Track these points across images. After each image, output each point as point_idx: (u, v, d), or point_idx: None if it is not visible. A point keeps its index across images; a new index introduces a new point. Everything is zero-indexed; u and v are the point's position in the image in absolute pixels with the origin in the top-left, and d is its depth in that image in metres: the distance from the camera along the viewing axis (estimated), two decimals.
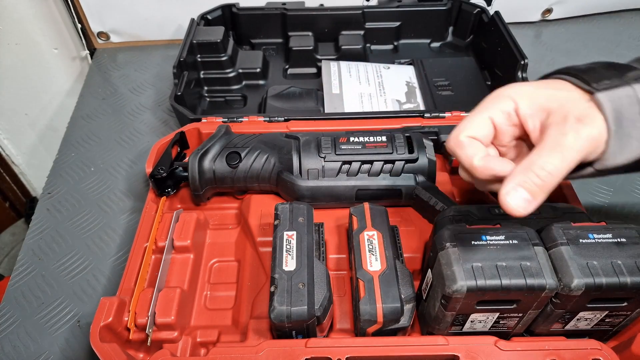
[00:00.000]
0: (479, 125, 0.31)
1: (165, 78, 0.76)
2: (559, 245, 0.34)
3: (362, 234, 0.41)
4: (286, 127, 0.54)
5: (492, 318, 0.36)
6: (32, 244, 0.53)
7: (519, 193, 0.28)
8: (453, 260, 0.34)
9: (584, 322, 0.37)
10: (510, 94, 0.30)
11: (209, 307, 0.45)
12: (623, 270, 0.33)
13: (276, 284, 0.37)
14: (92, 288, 0.49)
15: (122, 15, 0.77)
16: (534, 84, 0.31)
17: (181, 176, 0.50)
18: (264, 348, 0.35)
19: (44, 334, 0.46)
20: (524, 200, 0.28)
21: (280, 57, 0.75)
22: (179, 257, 0.45)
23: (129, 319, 0.39)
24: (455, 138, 0.31)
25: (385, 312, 0.36)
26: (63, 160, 0.63)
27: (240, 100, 0.69)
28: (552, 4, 0.82)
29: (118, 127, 0.68)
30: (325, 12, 0.73)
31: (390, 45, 0.77)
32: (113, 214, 0.56)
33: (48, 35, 0.78)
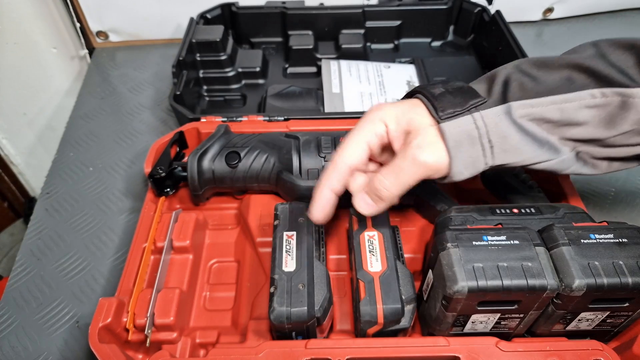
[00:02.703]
0: (357, 152, 0.35)
1: (164, 77, 0.75)
2: (560, 246, 0.34)
3: (363, 235, 0.40)
4: (286, 126, 0.54)
5: (493, 319, 0.36)
6: (30, 244, 0.53)
7: (364, 198, 0.36)
8: (454, 260, 0.33)
9: (585, 322, 0.37)
10: (382, 117, 0.35)
11: (208, 307, 0.44)
12: (624, 270, 0.33)
13: (276, 284, 0.37)
14: (91, 288, 0.49)
15: (121, 14, 0.77)
16: (400, 107, 0.35)
17: (180, 176, 0.50)
18: (263, 349, 0.35)
19: (43, 335, 0.45)
20: (367, 204, 0.36)
21: (280, 56, 0.75)
22: (178, 258, 0.45)
23: (128, 319, 0.39)
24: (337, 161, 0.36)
25: (386, 313, 0.35)
26: (62, 160, 0.63)
27: (239, 100, 0.69)
28: (553, 3, 0.82)
29: (117, 126, 0.67)
30: (325, 11, 0.72)
31: (390, 44, 0.76)
32: (112, 214, 0.56)
33: (46, 35, 0.78)
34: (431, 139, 0.33)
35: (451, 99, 0.34)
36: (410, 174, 0.33)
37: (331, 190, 0.36)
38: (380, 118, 0.35)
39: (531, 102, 0.33)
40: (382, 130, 0.35)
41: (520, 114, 0.33)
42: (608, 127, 0.33)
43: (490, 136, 0.33)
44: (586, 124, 0.33)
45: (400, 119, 0.34)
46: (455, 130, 0.33)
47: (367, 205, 0.36)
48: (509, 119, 0.33)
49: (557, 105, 0.33)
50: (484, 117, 0.33)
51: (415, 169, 0.33)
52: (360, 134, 0.35)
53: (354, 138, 0.35)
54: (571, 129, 0.33)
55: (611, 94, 0.32)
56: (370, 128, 0.35)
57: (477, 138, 0.33)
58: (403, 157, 0.33)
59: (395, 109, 0.35)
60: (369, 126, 0.35)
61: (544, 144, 0.34)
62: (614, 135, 0.33)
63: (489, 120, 0.33)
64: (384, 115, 0.35)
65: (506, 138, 0.33)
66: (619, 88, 0.32)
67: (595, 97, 0.33)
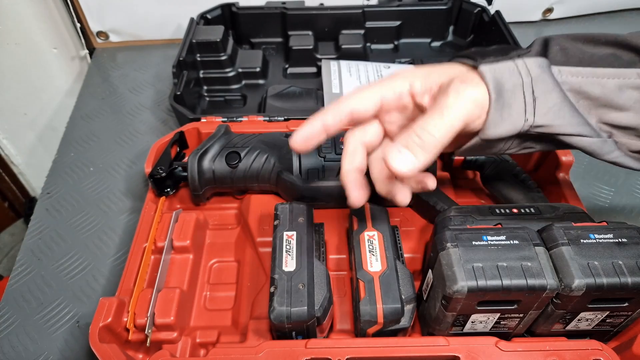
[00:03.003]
0: (366, 99, 0.31)
1: (164, 78, 0.76)
2: (559, 246, 0.34)
3: (363, 234, 0.41)
4: (286, 126, 0.54)
5: (493, 318, 0.36)
6: (31, 244, 0.53)
7: (402, 153, 0.29)
8: (454, 260, 0.34)
9: (584, 322, 0.37)
10: (407, 76, 0.31)
11: (208, 307, 0.44)
12: (624, 270, 0.33)
13: (276, 284, 0.37)
14: (92, 288, 0.49)
15: (121, 14, 0.77)
16: (430, 66, 0.32)
17: (180, 176, 0.50)
18: (263, 349, 0.35)
19: (43, 335, 0.45)
20: (406, 158, 0.28)
21: (280, 57, 0.75)
22: (178, 258, 0.45)
23: (128, 319, 0.39)
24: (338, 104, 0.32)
25: (386, 312, 0.35)
26: (62, 160, 0.63)
27: (239, 100, 0.69)
28: (552, 3, 0.82)
29: (117, 126, 0.68)
30: (325, 12, 0.72)
31: (390, 44, 0.77)
32: (112, 214, 0.56)
33: (47, 35, 0.78)
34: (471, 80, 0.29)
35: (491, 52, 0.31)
36: (457, 111, 0.28)
37: (322, 123, 0.32)
38: (404, 76, 0.31)
39: (571, 70, 0.29)
40: (403, 88, 0.31)
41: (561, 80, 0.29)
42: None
43: (534, 87, 0.29)
44: (628, 108, 0.29)
45: (429, 75, 0.31)
46: (496, 75, 0.29)
47: (408, 161, 0.28)
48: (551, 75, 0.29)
49: (598, 79, 0.29)
50: (528, 64, 0.29)
51: (460, 104, 0.28)
52: (377, 86, 0.32)
53: (368, 87, 0.32)
54: (610, 113, 0.30)
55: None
56: (389, 83, 0.31)
57: (520, 86, 0.29)
58: (445, 95, 0.29)
59: (423, 69, 0.31)
60: (389, 81, 0.31)
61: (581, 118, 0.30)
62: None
63: (533, 70, 0.29)
64: (409, 74, 0.31)
65: (549, 94, 0.29)
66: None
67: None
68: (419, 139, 0.28)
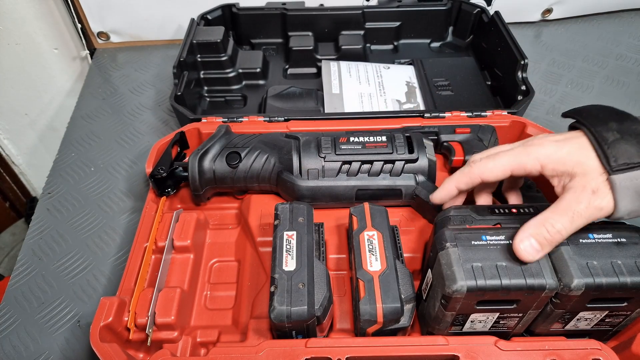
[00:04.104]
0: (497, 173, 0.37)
1: (165, 78, 0.76)
2: (559, 245, 0.34)
3: (362, 234, 0.41)
4: (286, 127, 0.54)
5: (492, 318, 0.36)
6: (32, 244, 0.53)
7: (531, 242, 0.33)
8: (453, 260, 0.34)
9: (584, 322, 0.37)
10: (539, 157, 0.35)
11: (209, 307, 0.45)
12: (623, 270, 0.33)
13: (276, 284, 0.37)
14: (92, 288, 0.49)
15: (122, 15, 0.77)
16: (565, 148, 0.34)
17: (181, 176, 0.50)
18: (264, 348, 0.35)
19: (44, 334, 0.46)
20: (533, 249, 0.33)
21: (280, 57, 0.75)
22: (179, 257, 0.45)
23: (129, 319, 0.39)
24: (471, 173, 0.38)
25: (385, 312, 0.36)
26: (63, 160, 0.63)
27: (240, 100, 0.69)
28: (552, 3, 0.82)
29: (118, 127, 0.68)
30: (325, 12, 0.72)
31: (390, 45, 0.77)
32: (113, 214, 0.56)
33: (48, 35, 0.78)
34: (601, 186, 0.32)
35: (626, 148, 0.32)
36: (586, 218, 0.32)
37: (456, 187, 0.40)
38: (537, 157, 0.35)
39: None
40: (533, 169, 0.35)
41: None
42: None
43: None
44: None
45: (565, 161, 0.33)
46: (626, 184, 0.31)
47: (534, 250, 0.33)
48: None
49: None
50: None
51: (589, 213, 0.32)
52: (511, 159, 0.36)
53: (504, 158, 0.36)
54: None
55: None
56: (523, 160, 0.35)
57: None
58: (577, 201, 0.32)
59: (559, 151, 0.34)
60: (524, 157, 0.35)
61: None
62: None
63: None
64: (542, 155, 0.34)
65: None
66: None
67: None
68: (548, 235, 0.33)
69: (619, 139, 0.32)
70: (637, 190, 0.31)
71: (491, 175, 0.37)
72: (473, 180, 0.38)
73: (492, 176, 0.37)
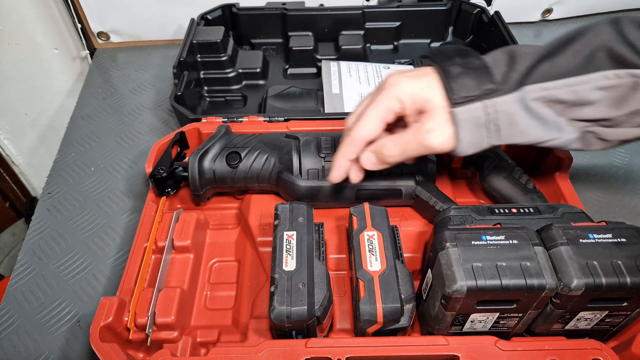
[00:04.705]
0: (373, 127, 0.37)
1: (165, 78, 0.76)
2: (558, 245, 0.35)
3: (362, 234, 0.41)
4: (286, 127, 0.54)
5: (492, 318, 0.36)
6: (32, 244, 0.53)
7: (369, 156, 0.39)
8: (453, 260, 0.34)
9: (584, 322, 0.37)
10: (399, 95, 0.36)
11: (209, 307, 0.45)
12: (623, 270, 0.33)
13: (276, 284, 0.37)
14: (92, 288, 0.49)
15: (122, 15, 0.77)
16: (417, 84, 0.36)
17: (181, 176, 0.50)
18: (264, 348, 0.35)
19: (44, 334, 0.46)
20: (370, 162, 0.39)
21: (280, 57, 0.75)
22: (179, 257, 0.45)
23: (129, 319, 0.39)
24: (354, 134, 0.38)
25: (385, 312, 0.36)
26: (63, 160, 0.63)
27: (240, 100, 0.69)
28: (552, 4, 0.82)
29: (118, 127, 0.68)
30: (325, 12, 0.73)
31: (390, 45, 0.77)
32: (113, 214, 0.56)
33: (48, 36, 0.79)
34: (441, 122, 0.35)
35: (467, 81, 0.35)
36: (415, 152, 0.37)
37: (347, 159, 0.40)
38: (397, 96, 0.36)
39: (546, 85, 0.34)
40: (398, 108, 0.37)
41: (533, 97, 0.34)
42: (618, 106, 0.33)
43: (499, 122, 0.35)
44: (596, 103, 0.34)
45: (416, 99, 0.36)
46: (466, 116, 0.35)
47: (370, 163, 0.39)
48: (520, 105, 0.34)
49: (570, 87, 0.34)
50: (496, 105, 0.35)
51: (420, 149, 0.36)
52: (377, 111, 0.37)
53: (371, 113, 0.37)
54: (581, 109, 0.34)
55: (625, 75, 0.33)
56: (387, 105, 0.37)
57: (484, 124, 0.35)
58: (412, 137, 0.36)
59: (412, 87, 0.36)
60: (386, 102, 0.37)
61: (552, 125, 0.35)
62: (621, 115, 0.34)
63: (501, 107, 0.34)
64: (401, 93, 0.36)
65: (514, 123, 0.35)
66: (633, 69, 0.32)
67: (609, 79, 0.33)
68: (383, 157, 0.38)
69: (461, 72, 0.35)
70: (475, 123, 0.35)
71: (370, 133, 0.38)
72: (358, 146, 0.39)
73: (372, 133, 0.38)
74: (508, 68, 0.35)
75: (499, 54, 0.37)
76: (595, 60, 0.34)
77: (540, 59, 0.35)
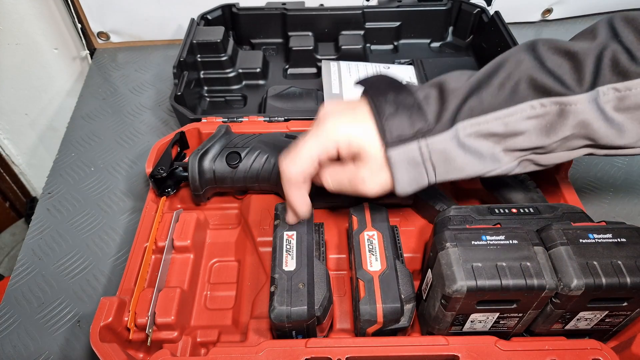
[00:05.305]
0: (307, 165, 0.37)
1: (165, 78, 0.76)
2: (558, 246, 0.35)
3: (362, 234, 0.41)
4: (286, 127, 0.54)
5: (492, 318, 0.36)
6: (32, 244, 0.53)
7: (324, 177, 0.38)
8: (453, 260, 0.34)
9: (584, 322, 0.37)
10: (335, 138, 0.36)
11: (209, 307, 0.45)
12: (623, 270, 0.33)
13: (276, 284, 0.37)
14: (92, 288, 0.49)
15: (122, 15, 0.77)
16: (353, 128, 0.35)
17: (181, 176, 0.50)
18: (264, 348, 0.35)
19: (44, 334, 0.46)
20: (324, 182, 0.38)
21: (280, 57, 0.75)
22: (179, 257, 0.45)
23: (129, 319, 0.39)
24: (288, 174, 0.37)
25: (385, 312, 0.36)
26: (63, 160, 0.63)
27: (240, 100, 0.69)
28: (552, 4, 0.82)
29: (118, 127, 0.68)
30: (325, 12, 0.72)
31: (390, 45, 0.77)
32: (113, 214, 0.56)
33: (48, 35, 0.79)
34: (376, 169, 0.35)
35: (399, 121, 0.35)
36: (351, 193, 0.37)
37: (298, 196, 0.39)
38: (335, 139, 0.36)
39: (478, 120, 0.34)
40: (334, 152, 0.36)
41: (467, 133, 0.34)
42: (548, 134, 0.34)
43: (433, 160, 0.35)
44: (528, 133, 0.34)
45: (352, 144, 0.35)
46: (401, 157, 0.35)
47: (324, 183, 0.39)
48: (455, 143, 0.35)
49: (501, 120, 0.34)
50: (430, 145, 0.35)
51: (355, 193, 0.37)
52: (312, 151, 0.36)
53: (305, 153, 0.36)
54: (515, 139, 0.35)
55: (549, 103, 0.33)
56: (322, 147, 0.36)
57: (421, 163, 0.35)
58: (348, 182, 0.37)
59: (349, 132, 0.35)
60: (322, 145, 0.36)
61: (487, 157, 0.35)
62: (553, 142, 0.34)
63: (435, 147, 0.35)
64: (338, 137, 0.35)
65: (450, 161, 0.35)
66: (556, 97, 0.33)
67: (535, 108, 0.34)
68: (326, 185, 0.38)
69: (393, 112, 0.35)
70: (411, 163, 0.35)
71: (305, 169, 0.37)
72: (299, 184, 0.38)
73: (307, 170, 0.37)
74: (439, 107, 0.35)
75: (430, 89, 0.37)
76: (519, 91, 0.34)
77: (469, 93, 0.35)
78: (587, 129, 0.33)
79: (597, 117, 0.32)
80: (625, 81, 0.32)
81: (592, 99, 0.32)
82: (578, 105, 0.33)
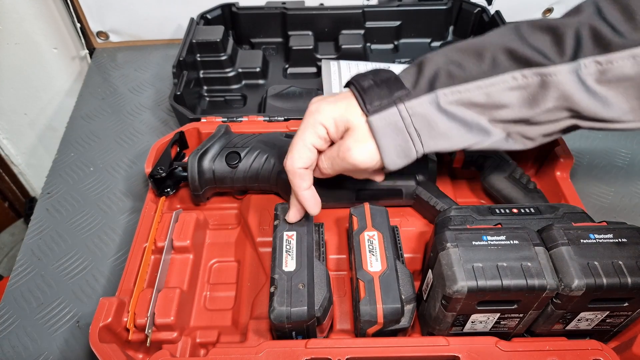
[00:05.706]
0: (306, 155, 0.38)
1: (164, 78, 0.76)
2: (559, 246, 0.34)
3: (363, 234, 0.41)
4: (286, 126, 0.54)
5: (493, 318, 0.36)
6: (31, 244, 0.53)
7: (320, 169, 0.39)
8: (454, 260, 0.34)
9: (584, 322, 0.37)
10: (322, 121, 0.37)
11: (208, 307, 0.44)
12: (624, 270, 0.33)
13: (276, 284, 0.37)
14: (92, 288, 0.49)
15: (121, 14, 0.77)
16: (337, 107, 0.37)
17: (181, 176, 0.50)
18: (263, 349, 0.35)
19: (43, 335, 0.45)
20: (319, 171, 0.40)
21: (280, 57, 0.75)
22: (178, 258, 0.45)
23: (129, 319, 0.39)
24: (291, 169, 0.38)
25: (386, 312, 0.35)
26: (62, 160, 0.63)
27: (239, 100, 0.69)
28: (552, 3, 0.82)
29: (117, 126, 0.68)
30: (325, 12, 0.72)
31: (390, 44, 0.77)
32: (112, 214, 0.56)
33: (47, 35, 0.78)
34: (361, 137, 0.36)
35: (378, 91, 0.35)
36: (342, 168, 0.38)
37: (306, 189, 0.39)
38: (320, 122, 0.37)
39: (458, 88, 0.35)
40: (324, 133, 0.37)
41: (448, 100, 0.35)
42: (531, 105, 0.34)
43: (416, 125, 0.35)
44: (511, 105, 0.34)
45: (338, 122, 0.36)
46: (382, 123, 0.35)
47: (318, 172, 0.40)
48: (435, 107, 0.35)
49: (482, 89, 0.34)
50: (409, 108, 0.35)
51: (345, 165, 0.37)
52: (305, 140, 0.37)
53: (299, 144, 0.38)
54: (499, 111, 0.35)
55: (530, 74, 0.33)
56: (312, 133, 0.37)
57: (403, 128, 0.35)
58: (337, 154, 0.37)
59: (333, 111, 0.37)
60: (312, 130, 0.37)
61: (473, 126, 0.35)
62: (538, 113, 0.34)
63: (414, 110, 0.35)
64: (323, 119, 0.37)
65: (433, 126, 0.35)
66: (537, 68, 0.33)
67: (517, 79, 0.34)
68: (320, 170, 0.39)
69: (373, 84, 0.36)
70: (393, 128, 0.35)
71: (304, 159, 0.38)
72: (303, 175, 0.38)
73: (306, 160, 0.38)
74: (417, 75, 0.36)
75: (410, 66, 0.38)
76: (500, 62, 0.34)
77: (447, 62, 0.36)
78: (568, 101, 0.33)
79: (579, 89, 0.32)
80: (608, 53, 0.32)
81: (572, 70, 0.32)
82: (559, 76, 0.33)
